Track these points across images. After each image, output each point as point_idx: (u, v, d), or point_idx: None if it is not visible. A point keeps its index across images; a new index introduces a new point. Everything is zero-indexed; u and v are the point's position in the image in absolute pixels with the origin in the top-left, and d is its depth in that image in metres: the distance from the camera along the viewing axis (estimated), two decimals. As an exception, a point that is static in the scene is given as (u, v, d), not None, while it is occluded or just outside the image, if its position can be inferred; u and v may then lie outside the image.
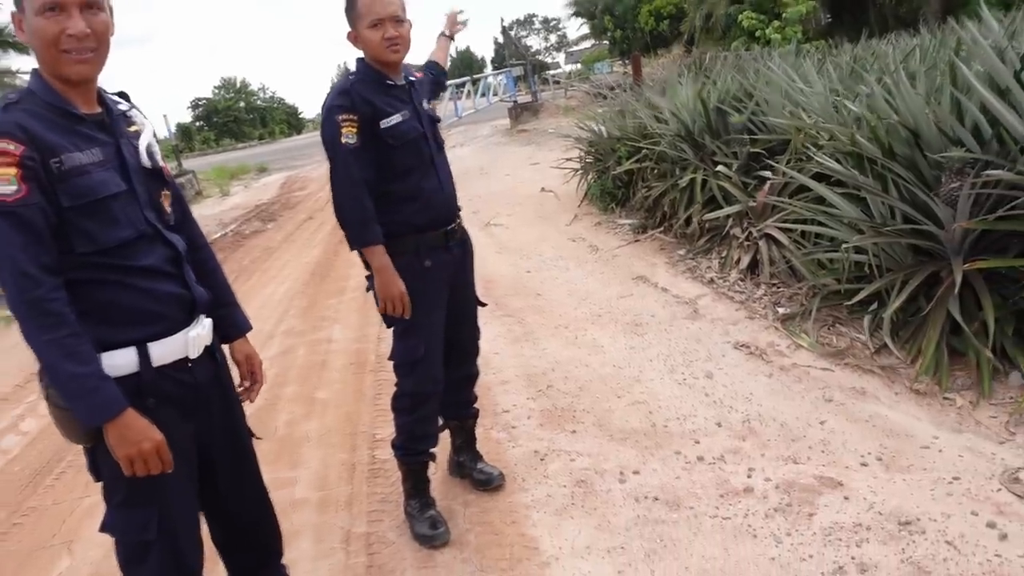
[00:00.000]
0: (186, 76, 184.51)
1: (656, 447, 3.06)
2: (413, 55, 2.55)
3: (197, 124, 66.35)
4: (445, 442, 2.95)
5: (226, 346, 1.95)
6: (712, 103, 6.00)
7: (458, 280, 2.68)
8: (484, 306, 2.89)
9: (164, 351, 1.64)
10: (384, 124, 2.41)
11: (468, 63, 71.67)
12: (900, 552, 2.22)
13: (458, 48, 74.59)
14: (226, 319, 1.92)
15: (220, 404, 1.84)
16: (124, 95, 1.79)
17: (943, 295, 3.27)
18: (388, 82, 2.46)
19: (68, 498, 3.43)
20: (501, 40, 60.20)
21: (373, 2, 2.35)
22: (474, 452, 3.00)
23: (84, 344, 1.48)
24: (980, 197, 3.23)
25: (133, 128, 1.72)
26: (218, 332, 1.87)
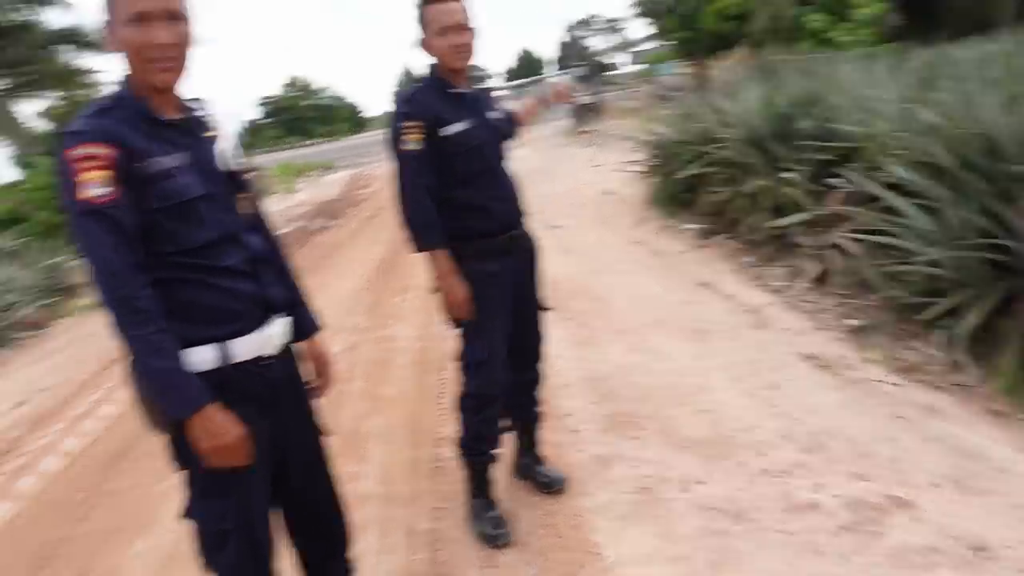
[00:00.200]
0: (255, 75, 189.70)
1: (720, 457, 3.04)
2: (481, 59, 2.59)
3: (265, 121, 68.10)
4: (509, 444, 2.98)
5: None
6: (780, 108, 5.90)
7: (523, 285, 2.71)
8: (550, 311, 2.92)
9: (243, 349, 1.69)
10: (446, 131, 2.46)
11: (530, 64, 71.76)
12: (973, 577, 2.16)
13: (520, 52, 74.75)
14: (297, 318, 1.98)
15: (293, 401, 1.90)
16: (203, 100, 1.85)
17: (1022, 312, 3.16)
18: (453, 90, 2.52)
19: (144, 483, 3.58)
20: (569, 39, 60.07)
21: (440, 11, 2.42)
22: (536, 454, 3.03)
23: (170, 340, 1.55)
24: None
25: (212, 132, 1.79)
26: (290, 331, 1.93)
